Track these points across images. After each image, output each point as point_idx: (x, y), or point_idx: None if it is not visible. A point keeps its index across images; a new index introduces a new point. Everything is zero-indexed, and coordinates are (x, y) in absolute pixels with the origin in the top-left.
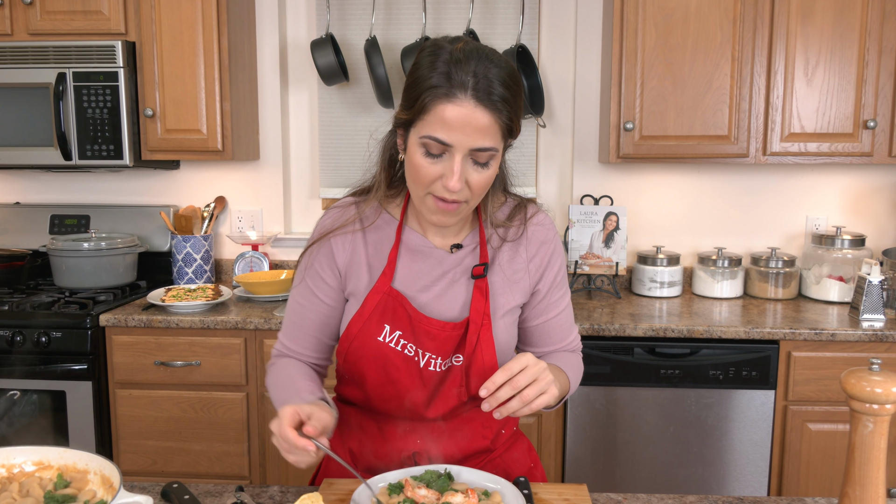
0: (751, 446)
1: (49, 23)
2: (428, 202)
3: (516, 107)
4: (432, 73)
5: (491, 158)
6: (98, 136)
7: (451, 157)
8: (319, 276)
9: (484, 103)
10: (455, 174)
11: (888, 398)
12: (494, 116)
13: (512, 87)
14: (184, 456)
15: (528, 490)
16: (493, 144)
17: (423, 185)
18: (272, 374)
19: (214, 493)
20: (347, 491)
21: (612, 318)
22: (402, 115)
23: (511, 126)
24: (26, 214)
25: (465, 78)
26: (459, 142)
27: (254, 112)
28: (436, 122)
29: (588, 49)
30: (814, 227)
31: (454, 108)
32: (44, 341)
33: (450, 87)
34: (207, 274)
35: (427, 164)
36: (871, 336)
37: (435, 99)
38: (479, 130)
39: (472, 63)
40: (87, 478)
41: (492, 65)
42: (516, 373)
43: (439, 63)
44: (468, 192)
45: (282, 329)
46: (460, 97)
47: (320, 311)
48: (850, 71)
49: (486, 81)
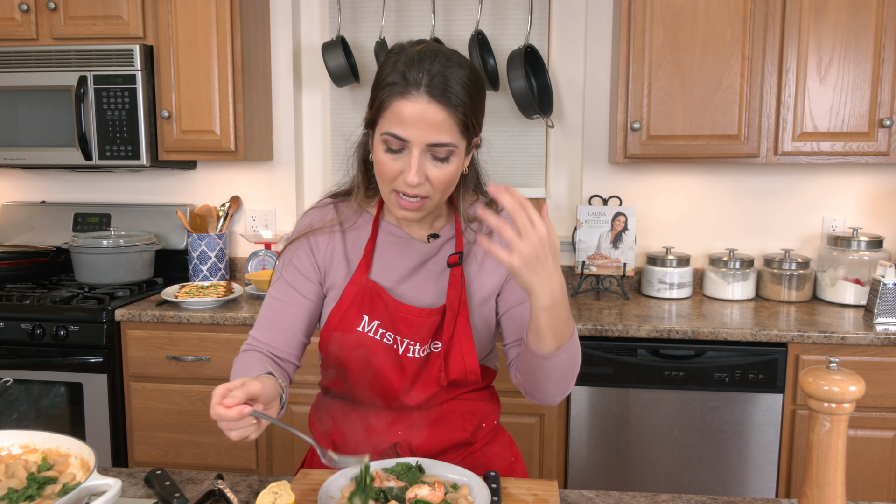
0: (758, 450)
1: (72, 28)
2: (392, 198)
3: (474, 105)
4: (391, 73)
5: (450, 154)
6: (117, 136)
7: (410, 152)
8: (298, 271)
9: (438, 99)
10: (413, 169)
11: (844, 397)
12: (449, 112)
13: (469, 86)
14: (194, 448)
15: (496, 484)
16: (449, 140)
17: (387, 181)
18: (234, 367)
19: (196, 480)
20: (320, 482)
21: (618, 319)
22: (367, 115)
23: (468, 123)
24: (51, 213)
25: (420, 76)
26: (415, 137)
27: (268, 113)
28: (393, 118)
29: (598, 49)
30: (830, 228)
31: (409, 104)
32: (62, 334)
33: (405, 85)
34: (222, 272)
35: (389, 161)
36: (883, 340)
37: (391, 96)
38: (434, 126)
39: (427, 62)
40: (69, 461)
41: (450, 64)
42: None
43: (399, 63)
44: (429, 187)
45: (255, 326)
46: (414, 94)
47: (298, 305)
48: (865, 69)
49: (440, 79)
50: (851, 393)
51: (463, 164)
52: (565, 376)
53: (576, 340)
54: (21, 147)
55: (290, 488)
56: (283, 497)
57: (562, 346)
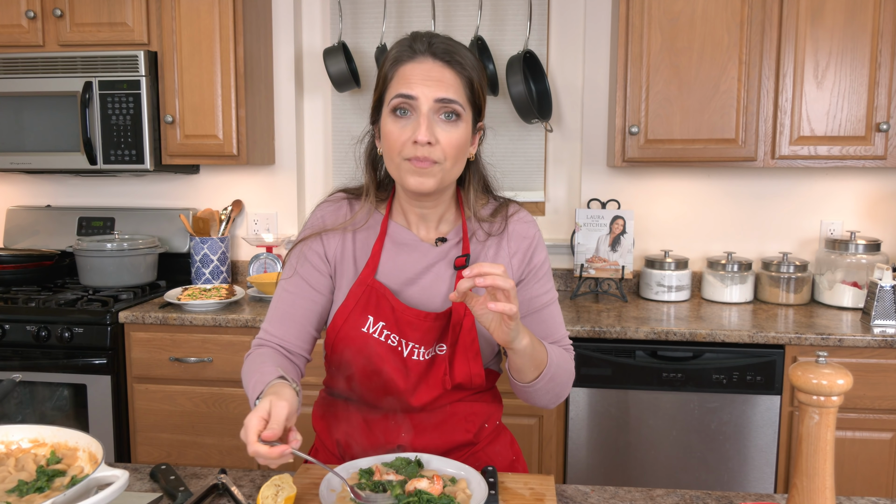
0: (756, 452)
1: (78, 34)
2: (404, 167)
3: (478, 76)
4: (394, 50)
5: (459, 118)
6: (121, 141)
7: (418, 112)
8: (311, 266)
9: (442, 58)
10: (423, 125)
11: (833, 390)
12: (455, 71)
13: (471, 59)
14: (196, 449)
15: (494, 479)
16: (455, 97)
17: (397, 149)
18: (246, 364)
19: (200, 474)
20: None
21: (617, 321)
22: (373, 99)
23: (473, 87)
24: (56, 216)
25: (423, 45)
26: (423, 93)
27: (269, 118)
28: (400, 81)
29: (596, 54)
30: (828, 231)
31: (414, 65)
32: (67, 336)
33: (411, 52)
34: (224, 274)
35: (398, 129)
36: (880, 342)
37: (396, 63)
38: (441, 82)
39: (429, 37)
40: (77, 454)
41: (451, 41)
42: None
43: (401, 43)
44: (440, 151)
45: (266, 319)
46: (419, 57)
47: (310, 299)
48: (861, 73)
49: (444, 45)
50: (839, 386)
51: (471, 141)
52: (556, 389)
53: (555, 360)
54: (27, 152)
55: (291, 481)
56: (286, 490)
57: (541, 372)
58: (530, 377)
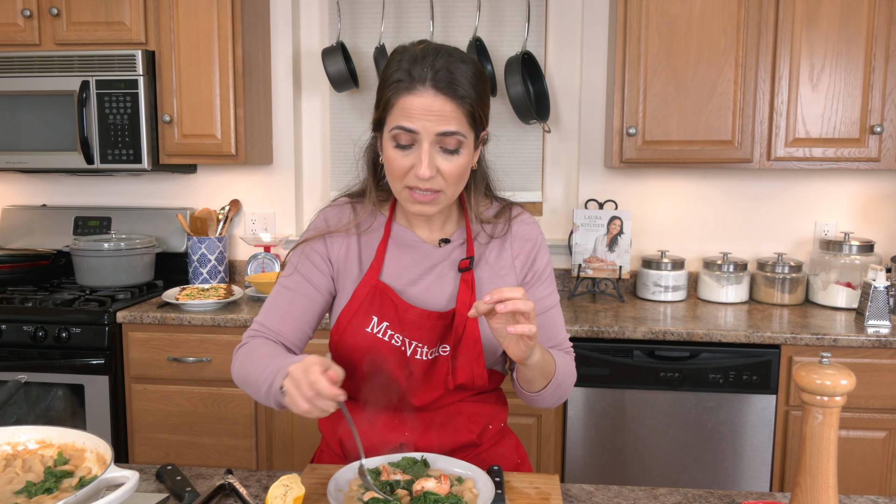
0: (752, 451)
1: (74, 33)
2: (405, 195)
3: (479, 97)
4: (396, 71)
5: (460, 146)
6: (119, 141)
7: (420, 145)
8: (313, 265)
9: (444, 91)
10: (424, 161)
11: (836, 391)
12: (456, 103)
13: (473, 80)
14: (194, 449)
15: (499, 478)
16: (457, 129)
17: (399, 177)
18: (245, 352)
19: (205, 475)
20: (328, 475)
21: (614, 320)
22: (374, 116)
23: (475, 114)
24: (52, 216)
25: (424, 72)
26: (424, 128)
27: (267, 118)
28: (401, 113)
29: (594, 55)
30: (823, 232)
31: (415, 98)
32: (64, 336)
33: (411, 81)
34: (221, 274)
35: (399, 157)
36: (874, 342)
37: (398, 93)
38: (442, 116)
39: (431, 59)
40: (85, 455)
41: (453, 59)
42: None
43: (403, 62)
44: (442, 180)
45: (261, 314)
46: (420, 88)
47: (310, 297)
48: (856, 76)
49: (445, 73)
50: (843, 386)
51: (473, 158)
52: (561, 393)
53: (562, 367)
54: (23, 151)
55: (300, 481)
56: (294, 490)
57: (549, 381)
58: (539, 387)
